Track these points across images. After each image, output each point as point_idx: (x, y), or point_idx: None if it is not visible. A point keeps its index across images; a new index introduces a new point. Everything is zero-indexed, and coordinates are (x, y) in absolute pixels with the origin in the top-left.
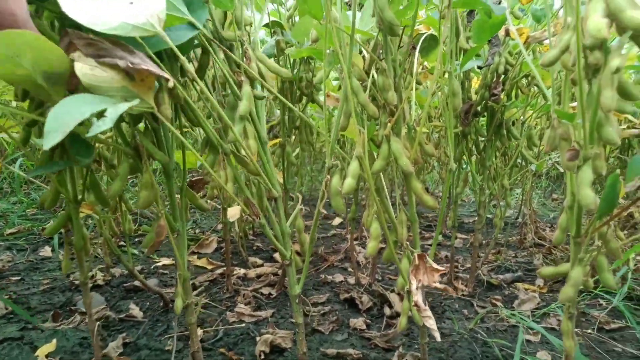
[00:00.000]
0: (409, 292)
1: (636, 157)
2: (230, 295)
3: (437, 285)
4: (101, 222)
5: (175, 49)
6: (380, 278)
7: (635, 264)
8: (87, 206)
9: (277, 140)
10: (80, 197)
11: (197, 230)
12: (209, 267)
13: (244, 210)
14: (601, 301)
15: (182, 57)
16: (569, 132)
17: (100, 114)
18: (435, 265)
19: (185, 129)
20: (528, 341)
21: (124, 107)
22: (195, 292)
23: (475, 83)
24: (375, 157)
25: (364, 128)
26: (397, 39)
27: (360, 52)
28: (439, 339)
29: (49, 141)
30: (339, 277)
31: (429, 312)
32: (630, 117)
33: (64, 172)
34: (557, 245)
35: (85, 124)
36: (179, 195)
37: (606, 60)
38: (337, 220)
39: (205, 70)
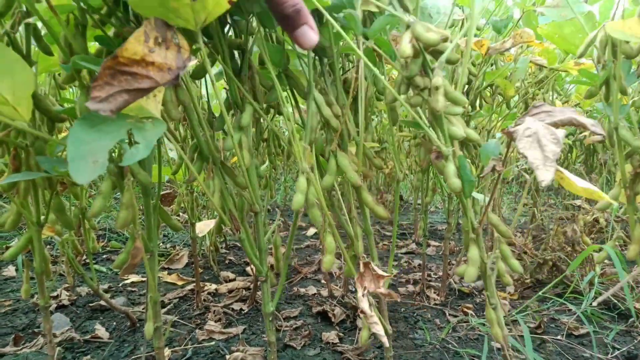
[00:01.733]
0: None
1: (486, 145)
2: (201, 312)
3: (382, 291)
4: (64, 241)
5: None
6: (353, 289)
7: (602, 269)
8: (49, 228)
9: None
10: (43, 218)
11: (168, 245)
12: (179, 283)
13: (224, 222)
14: (570, 307)
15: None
16: (432, 145)
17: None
18: (380, 272)
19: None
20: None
21: (154, 134)
22: (164, 310)
23: None
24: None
25: (327, 144)
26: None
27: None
28: (387, 344)
29: (80, 173)
30: (312, 290)
31: (375, 319)
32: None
33: (28, 193)
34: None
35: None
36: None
37: (431, 79)
38: (311, 231)
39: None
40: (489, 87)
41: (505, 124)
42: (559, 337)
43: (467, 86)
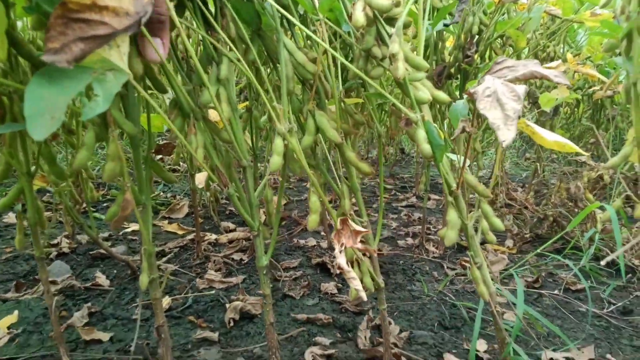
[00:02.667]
0: (358, 262)
1: (455, 105)
2: (201, 261)
3: (358, 246)
4: (59, 191)
5: None
6: None
7: (602, 225)
8: (41, 178)
9: (245, 104)
10: (34, 168)
11: (168, 194)
12: (180, 232)
13: (212, 179)
14: (567, 263)
15: None
16: (401, 112)
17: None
18: (357, 228)
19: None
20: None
21: (114, 85)
22: (165, 259)
23: (450, 43)
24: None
25: (304, 103)
26: None
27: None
28: (364, 298)
29: (38, 129)
30: (311, 242)
31: (352, 274)
32: (604, 78)
33: (15, 142)
34: (528, 206)
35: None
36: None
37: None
38: None
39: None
40: (499, 38)
41: None
42: (555, 292)
43: (477, 36)
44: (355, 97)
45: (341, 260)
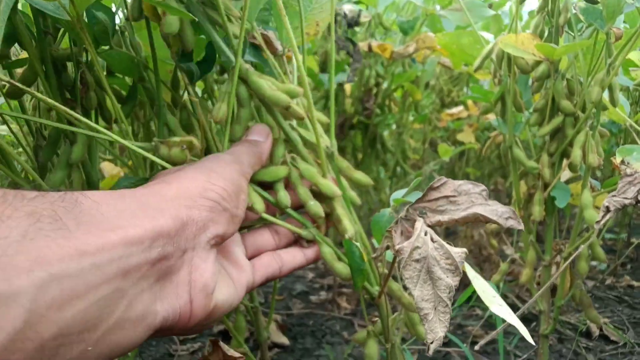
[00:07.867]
0: None
1: (378, 216)
2: None
3: None
4: None
5: None
6: (263, 301)
7: (510, 268)
8: None
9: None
10: None
11: None
12: None
13: None
14: (478, 311)
15: None
16: None
17: None
18: (233, 353)
19: None
20: None
21: None
22: None
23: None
24: None
25: None
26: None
27: None
28: None
29: None
30: None
31: None
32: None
33: None
34: None
35: None
36: None
37: None
38: None
39: None
40: (400, 88)
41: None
42: (465, 345)
43: (375, 88)
44: None
45: None
